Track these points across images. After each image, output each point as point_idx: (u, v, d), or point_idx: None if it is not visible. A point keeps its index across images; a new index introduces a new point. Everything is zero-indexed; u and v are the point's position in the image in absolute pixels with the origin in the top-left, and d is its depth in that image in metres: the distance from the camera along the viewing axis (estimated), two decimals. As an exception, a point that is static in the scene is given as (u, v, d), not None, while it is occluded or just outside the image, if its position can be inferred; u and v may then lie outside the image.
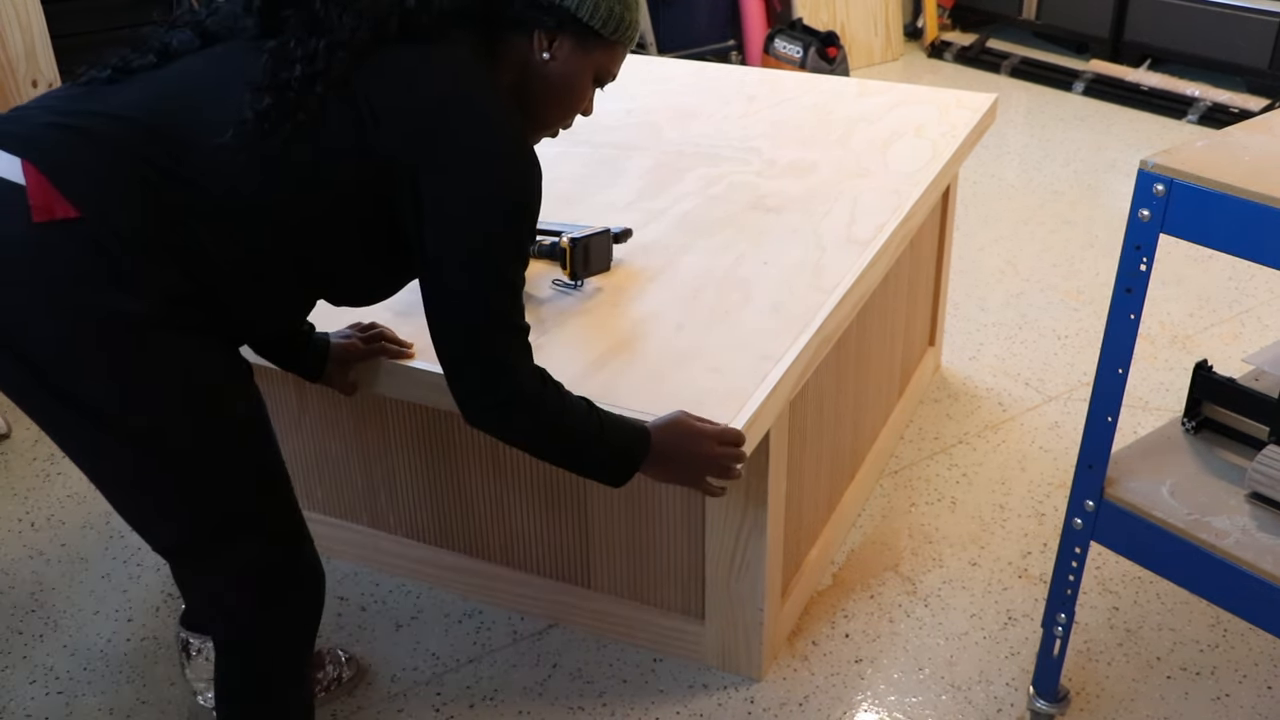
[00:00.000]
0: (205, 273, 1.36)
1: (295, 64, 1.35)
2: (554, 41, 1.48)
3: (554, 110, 1.55)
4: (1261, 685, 2.06)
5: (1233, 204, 1.38)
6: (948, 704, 2.02)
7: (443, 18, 1.41)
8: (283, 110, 1.34)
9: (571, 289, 1.92)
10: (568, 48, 1.48)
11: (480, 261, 1.40)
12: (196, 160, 1.34)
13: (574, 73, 1.50)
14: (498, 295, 1.42)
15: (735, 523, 1.92)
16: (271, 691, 1.61)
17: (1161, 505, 1.65)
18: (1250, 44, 4.81)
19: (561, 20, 1.46)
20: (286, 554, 1.53)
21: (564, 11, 1.46)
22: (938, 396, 2.93)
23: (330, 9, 1.37)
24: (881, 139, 2.56)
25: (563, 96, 1.53)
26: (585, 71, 1.52)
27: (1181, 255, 3.62)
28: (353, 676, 2.04)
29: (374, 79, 1.37)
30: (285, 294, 1.47)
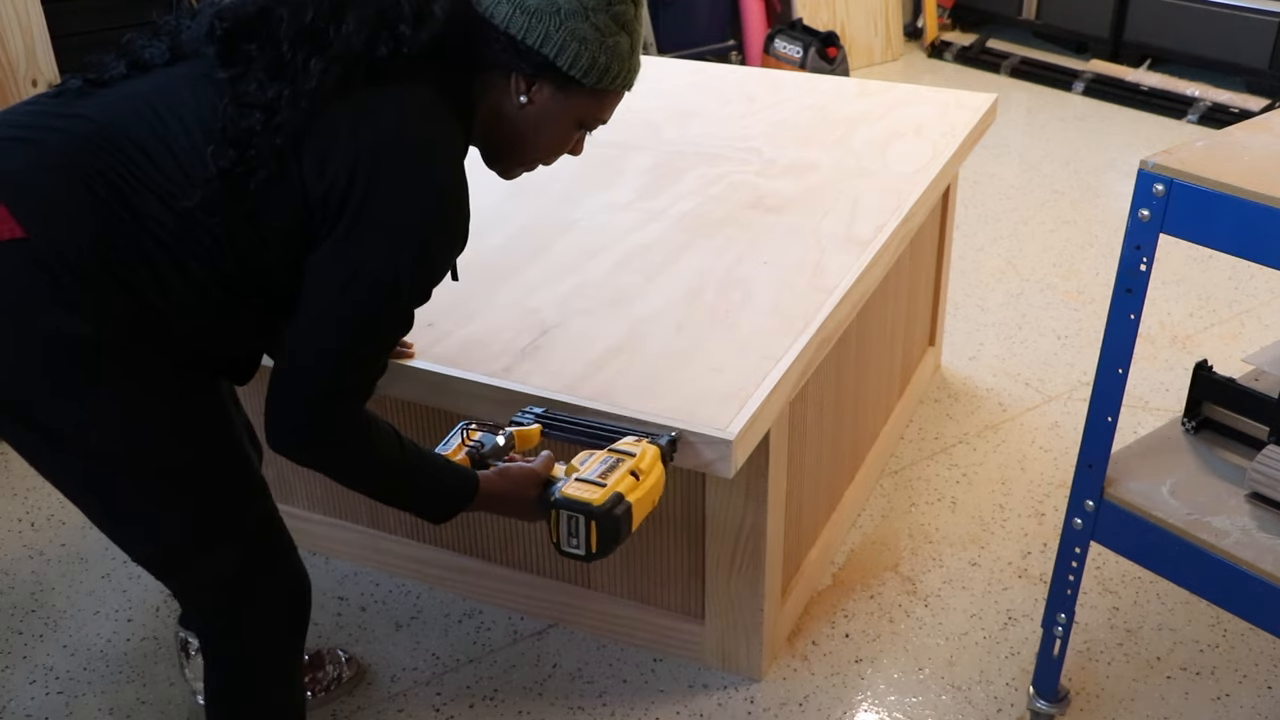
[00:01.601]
0: (154, 294, 1.34)
1: (255, 111, 1.31)
2: (532, 86, 1.43)
3: (530, 151, 1.51)
4: (1261, 685, 2.06)
5: (1233, 204, 1.38)
6: (948, 704, 2.02)
7: (414, 60, 1.36)
8: (247, 167, 1.31)
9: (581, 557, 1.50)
10: (547, 93, 1.44)
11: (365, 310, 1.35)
12: (153, 188, 1.32)
13: (552, 118, 1.46)
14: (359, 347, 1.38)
15: (735, 523, 1.92)
16: (258, 697, 1.61)
17: (1161, 505, 1.65)
18: (1250, 44, 4.81)
19: (540, 67, 1.41)
20: (264, 561, 1.53)
21: (542, 59, 1.40)
22: (938, 396, 2.93)
23: (298, 53, 1.33)
24: (881, 139, 2.56)
25: (540, 140, 1.49)
26: (565, 117, 1.47)
27: (1181, 255, 3.62)
28: (353, 676, 2.04)
29: (326, 125, 1.33)
30: (237, 321, 1.44)
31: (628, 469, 1.50)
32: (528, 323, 1.89)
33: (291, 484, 2.34)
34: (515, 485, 1.55)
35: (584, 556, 1.46)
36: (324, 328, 1.35)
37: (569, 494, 1.46)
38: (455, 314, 1.92)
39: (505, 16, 1.39)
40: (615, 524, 1.45)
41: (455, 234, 1.41)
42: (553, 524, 1.47)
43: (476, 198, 2.32)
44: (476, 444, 1.60)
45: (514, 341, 1.84)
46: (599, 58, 1.42)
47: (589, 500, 1.45)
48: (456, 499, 1.51)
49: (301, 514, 2.36)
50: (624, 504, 1.46)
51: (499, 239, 2.17)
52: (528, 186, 2.37)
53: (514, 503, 1.55)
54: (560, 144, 1.52)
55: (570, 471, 1.52)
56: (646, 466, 1.52)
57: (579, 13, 1.39)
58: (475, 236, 2.16)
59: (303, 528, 2.36)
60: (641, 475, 1.50)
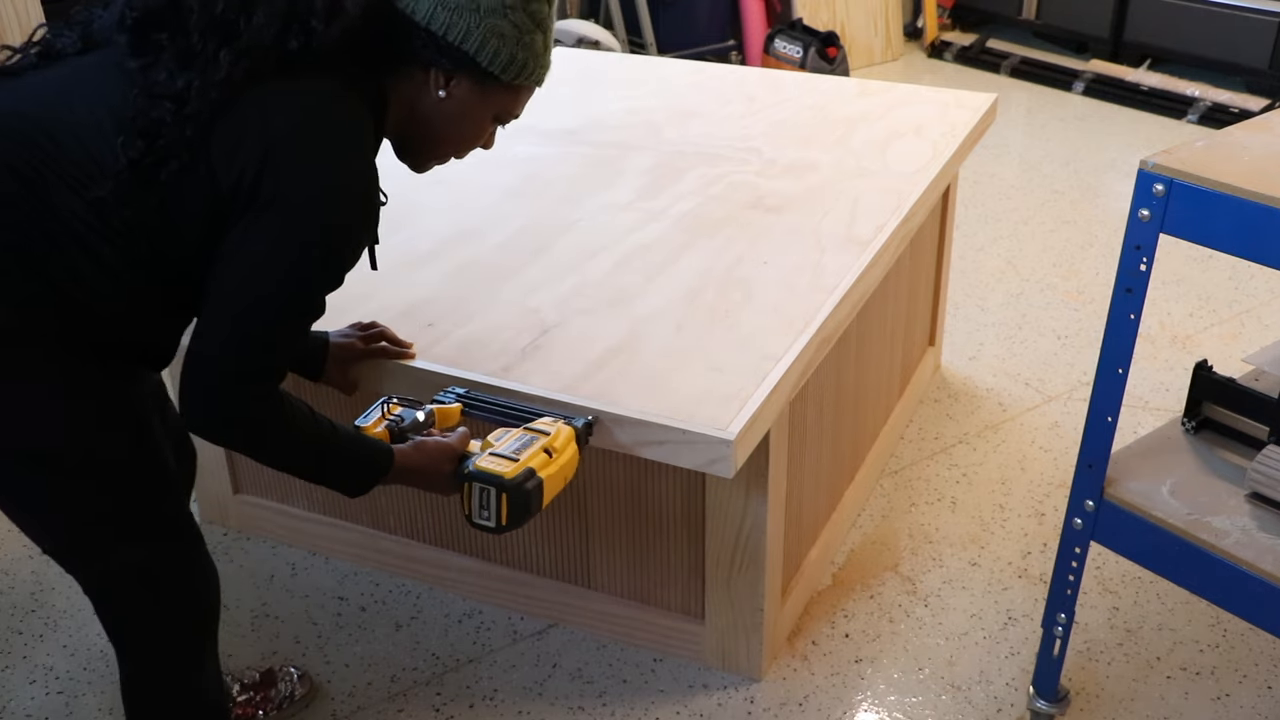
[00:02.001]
0: (67, 281, 1.35)
1: (165, 101, 1.32)
2: (450, 80, 1.45)
3: (445, 145, 1.54)
4: (1261, 685, 2.06)
5: (1232, 204, 1.38)
6: (948, 704, 2.02)
7: (326, 53, 1.37)
8: (157, 158, 1.32)
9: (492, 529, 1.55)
10: (465, 87, 1.46)
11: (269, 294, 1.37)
12: (63, 176, 1.33)
13: (470, 112, 1.49)
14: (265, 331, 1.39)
15: (735, 523, 1.92)
16: (170, 691, 1.62)
17: (1161, 505, 1.65)
18: (1250, 44, 4.81)
19: (459, 62, 1.43)
20: (174, 555, 1.54)
21: (462, 54, 1.42)
22: (938, 396, 2.93)
23: (208, 43, 1.33)
24: (881, 139, 2.56)
25: (456, 133, 1.52)
26: (483, 111, 1.50)
27: (1182, 255, 3.62)
28: (306, 694, 2.03)
29: (236, 116, 1.34)
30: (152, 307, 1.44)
31: (541, 446, 1.55)
32: (528, 323, 1.89)
33: (291, 484, 2.34)
34: (431, 459, 1.57)
35: (494, 528, 1.51)
36: (231, 312, 1.37)
37: (482, 467, 1.51)
38: (455, 314, 1.92)
39: (426, 13, 1.41)
40: (526, 497, 1.50)
41: (360, 223, 1.42)
42: (465, 496, 1.52)
43: (474, 198, 2.33)
44: (396, 418, 1.64)
45: (514, 341, 1.84)
46: (517, 54, 1.45)
47: (501, 473, 1.50)
48: (372, 472, 1.53)
49: (301, 514, 2.36)
50: (535, 479, 1.52)
51: (499, 239, 2.17)
52: (528, 187, 2.37)
53: (429, 476, 1.57)
54: (475, 137, 1.54)
55: (485, 447, 1.56)
56: (560, 445, 1.57)
57: (498, 10, 1.42)
58: (475, 236, 2.17)
59: (303, 528, 2.37)
60: (555, 453, 1.55)
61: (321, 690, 2.06)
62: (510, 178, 2.42)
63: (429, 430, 1.65)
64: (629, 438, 1.68)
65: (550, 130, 2.66)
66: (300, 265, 1.38)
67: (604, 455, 1.98)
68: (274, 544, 2.41)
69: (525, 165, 2.48)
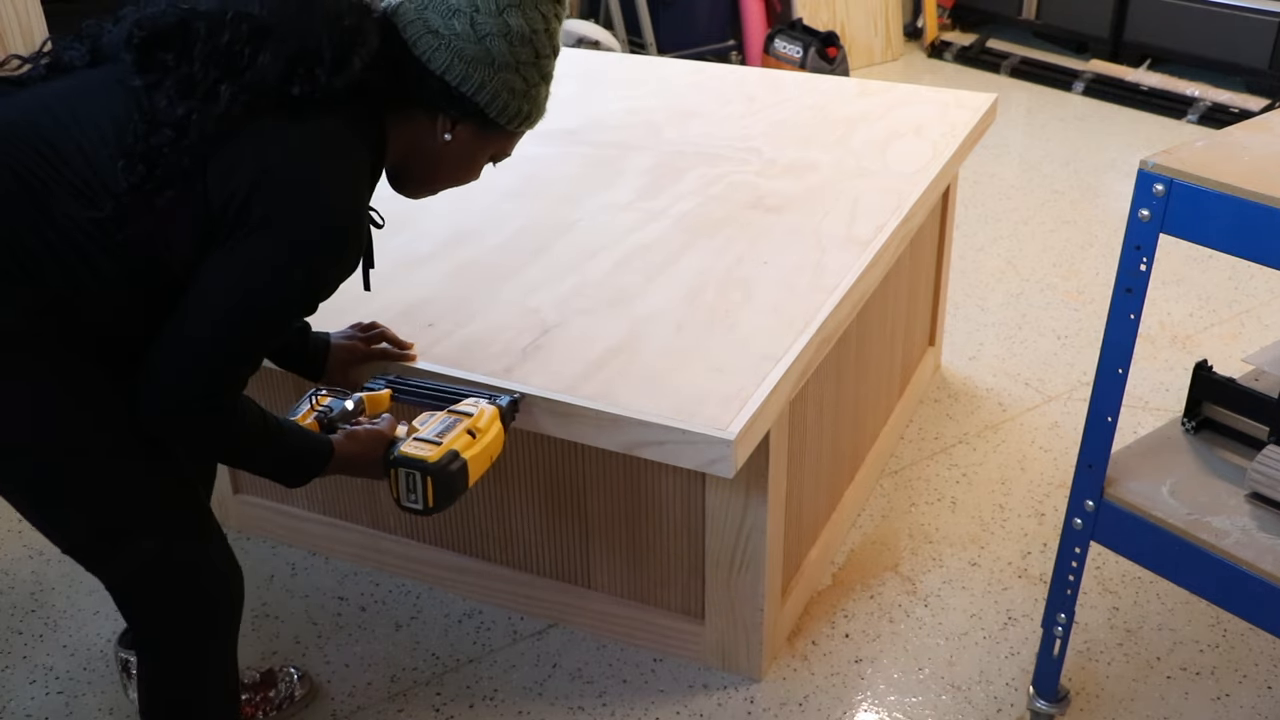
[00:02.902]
0: (64, 287, 1.36)
1: (166, 129, 1.35)
2: (456, 125, 1.51)
3: (443, 181, 1.61)
4: (1261, 685, 2.06)
5: (1232, 204, 1.38)
6: (948, 704, 2.02)
7: (329, 96, 1.40)
8: (156, 185, 1.35)
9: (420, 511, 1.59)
10: (469, 132, 1.53)
11: (239, 313, 1.39)
12: (64, 185, 1.35)
13: (470, 154, 1.57)
14: (231, 348, 1.41)
15: (735, 523, 1.92)
16: (188, 688, 1.63)
17: (1161, 505, 1.65)
18: (1250, 44, 4.81)
19: (468, 111, 1.49)
20: (187, 553, 1.55)
21: (473, 105, 1.49)
22: (938, 396, 2.93)
23: (209, 73, 1.36)
24: (881, 139, 2.56)
25: (455, 172, 1.59)
26: (481, 153, 1.58)
27: (1182, 255, 3.62)
28: (305, 694, 2.03)
29: (234, 146, 1.36)
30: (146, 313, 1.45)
31: (464, 428, 1.59)
32: (528, 323, 1.89)
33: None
34: (364, 447, 1.61)
35: (422, 510, 1.56)
36: (202, 324, 1.39)
37: (406, 452, 1.55)
38: (456, 314, 1.92)
39: (443, 64, 1.46)
40: (450, 479, 1.55)
41: (341, 258, 1.45)
42: (393, 481, 1.57)
43: (474, 198, 2.33)
44: (326, 409, 1.68)
45: (514, 341, 1.84)
46: (524, 106, 1.53)
47: (425, 458, 1.54)
48: (314, 465, 1.57)
49: (301, 514, 2.36)
50: (459, 461, 1.56)
51: (499, 239, 2.17)
52: (528, 187, 2.37)
53: (364, 464, 1.61)
54: (470, 175, 1.62)
55: (411, 432, 1.60)
56: (484, 426, 1.61)
57: (511, 66, 1.49)
58: (475, 236, 2.17)
59: (303, 528, 2.37)
60: (478, 434, 1.60)
61: (321, 690, 2.06)
62: (510, 178, 2.42)
63: (358, 418, 1.69)
64: (629, 438, 1.68)
65: (550, 130, 2.65)
66: (277, 288, 1.41)
67: (604, 455, 1.98)
68: (274, 544, 2.41)
69: (525, 165, 2.48)
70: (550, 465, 2.05)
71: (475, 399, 1.67)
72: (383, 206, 2.29)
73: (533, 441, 2.03)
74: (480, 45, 1.46)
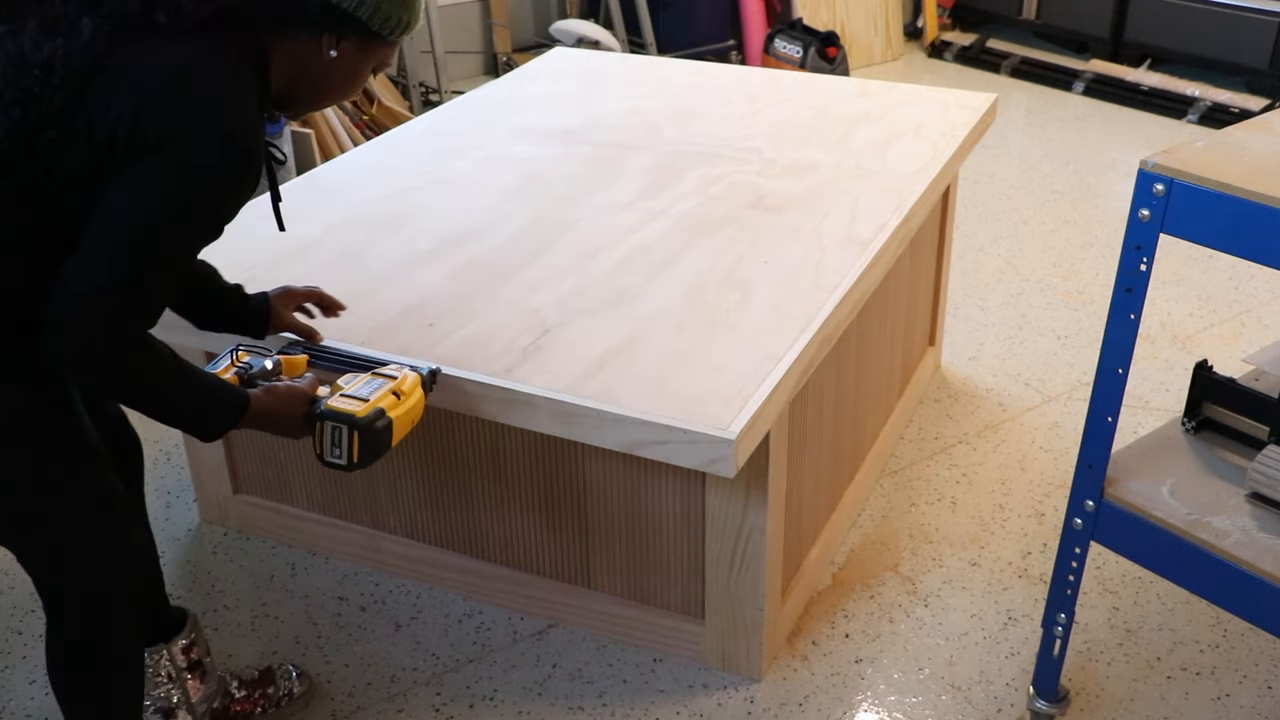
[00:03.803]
0: None
1: (33, 69, 1.36)
2: (340, 42, 1.54)
3: (333, 96, 1.64)
4: (1262, 685, 2.06)
5: (1232, 204, 1.38)
6: (948, 704, 2.02)
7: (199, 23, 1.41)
8: (33, 128, 1.36)
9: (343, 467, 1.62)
10: (353, 47, 1.55)
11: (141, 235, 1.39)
12: None
13: (355, 68, 1.59)
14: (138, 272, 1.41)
15: (735, 523, 1.92)
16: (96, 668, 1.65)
17: (1162, 505, 1.65)
18: (1250, 44, 4.81)
19: (350, 26, 1.53)
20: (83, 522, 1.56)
21: (355, 20, 1.52)
22: (938, 396, 2.93)
23: (70, 9, 1.38)
24: (881, 139, 2.56)
25: (343, 86, 1.62)
26: (365, 66, 1.61)
27: (1182, 255, 3.62)
28: (304, 692, 2.03)
29: (109, 76, 1.37)
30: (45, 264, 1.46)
31: (390, 389, 1.63)
32: (529, 322, 1.89)
33: (292, 484, 2.34)
34: (283, 403, 1.62)
35: (345, 466, 1.59)
36: (106, 252, 1.39)
37: (334, 406, 1.59)
38: (456, 314, 1.92)
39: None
40: (376, 436, 1.58)
41: (239, 174, 1.45)
42: (318, 435, 1.59)
43: (474, 198, 2.33)
44: (245, 365, 1.70)
45: (515, 341, 1.84)
46: (402, 15, 1.56)
47: (353, 412, 1.58)
48: (228, 415, 1.57)
49: (301, 514, 2.36)
50: (385, 419, 1.60)
51: (499, 239, 2.17)
52: (528, 187, 2.37)
53: (282, 420, 1.62)
54: (356, 88, 1.64)
55: (336, 390, 1.63)
56: (408, 389, 1.66)
57: None
58: (475, 236, 2.17)
59: (303, 528, 2.37)
60: (403, 396, 1.64)
61: (321, 690, 2.06)
62: (510, 178, 2.42)
63: (277, 378, 1.70)
64: (630, 437, 1.68)
65: (550, 130, 2.66)
66: (177, 208, 1.41)
67: (604, 455, 1.98)
68: (274, 544, 2.41)
69: (525, 165, 2.48)
70: (550, 465, 2.05)
71: (398, 365, 1.71)
72: (382, 206, 2.31)
73: (533, 441, 2.03)
74: None
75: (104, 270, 1.38)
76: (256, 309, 1.80)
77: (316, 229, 2.23)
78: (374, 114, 4.04)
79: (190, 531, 2.46)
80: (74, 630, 1.62)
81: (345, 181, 2.44)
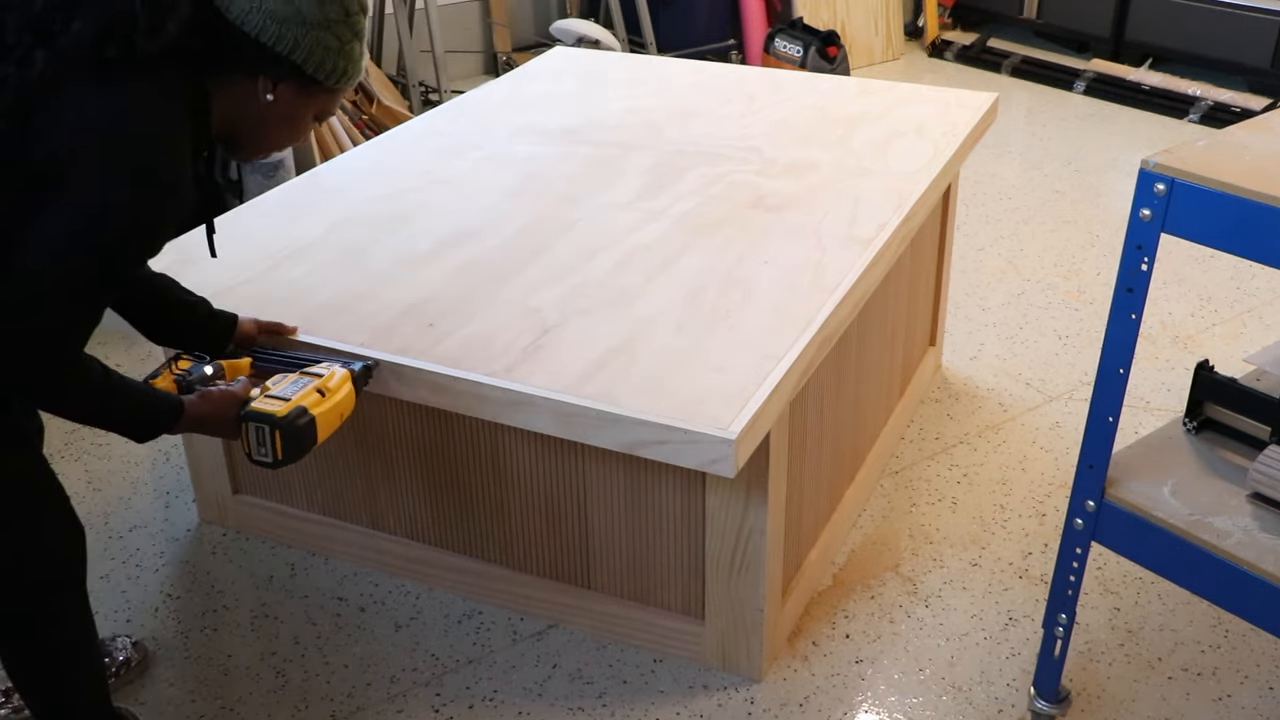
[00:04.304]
0: None
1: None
2: (277, 86, 1.56)
3: (270, 141, 1.67)
4: (1263, 686, 2.05)
5: (1234, 203, 1.38)
6: (948, 705, 2.02)
7: (146, 60, 1.45)
8: None
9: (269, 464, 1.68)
10: (291, 92, 1.58)
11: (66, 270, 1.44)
12: None
13: (294, 113, 1.62)
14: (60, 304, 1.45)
15: (735, 523, 1.92)
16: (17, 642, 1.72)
17: (1163, 505, 1.65)
18: (1252, 43, 4.80)
19: (286, 70, 1.55)
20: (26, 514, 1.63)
21: (290, 64, 1.54)
22: (938, 396, 2.92)
23: (23, 39, 1.42)
24: (882, 138, 2.55)
25: (281, 132, 1.65)
26: (305, 112, 1.63)
27: (1183, 255, 3.62)
28: (139, 661, 2.09)
29: (52, 110, 1.42)
30: None
31: (314, 387, 1.70)
32: (529, 323, 1.89)
33: (291, 484, 2.34)
34: (216, 407, 1.68)
35: (271, 463, 1.66)
36: (44, 273, 1.43)
37: (256, 408, 1.66)
38: (456, 314, 1.92)
39: (256, 26, 1.51)
40: (299, 433, 1.65)
41: (159, 214, 1.50)
42: (244, 436, 1.66)
43: (474, 198, 2.33)
44: (184, 373, 1.79)
45: (515, 341, 1.84)
46: (339, 63, 1.59)
47: (273, 412, 1.65)
48: (160, 422, 1.62)
49: (301, 514, 2.35)
50: (307, 416, 1.66)
51: (499, 239, 2.16)
52: (528, 186, 2.37)
53: (215, 422, 1.68)
54: (297, 134, 1.67)
55: (265, 391, 1.70)
56: (334, 386, 1.72)
57: (323, 24, 1.55)
58: (475, 236, 2.17)
59: (303, 528, 2.36)
60: (328, 393, 1.70)
61: (321, 690, 2.06)
62: (510, 177, 2.42)
63: (215, 382, 1.77)
64: (630, 438, 1.67)
65: (550, 130, 2.65)
66: (108, 235, 1.45)
67: (604, 455, 1.98)
68: (273, 544, 2.41)
69: (525, 165, 2.48)
70: (550, 465, 2.04)
71: (329, 363, 1.77)
72: (381, 206, 2.30)
73: (533, 441, 2.03)
74: (290, 5, 1.51)
75: (43, 290, 1.43)
76: (218, 326, 1.85)
77: (316, 229, 2.22)
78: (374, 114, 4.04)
79: (189, 532, 2.46)
80: None
81: (345, 181, 2.44)
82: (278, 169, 3.34)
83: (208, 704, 2.04)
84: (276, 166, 3.34)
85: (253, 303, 1.97)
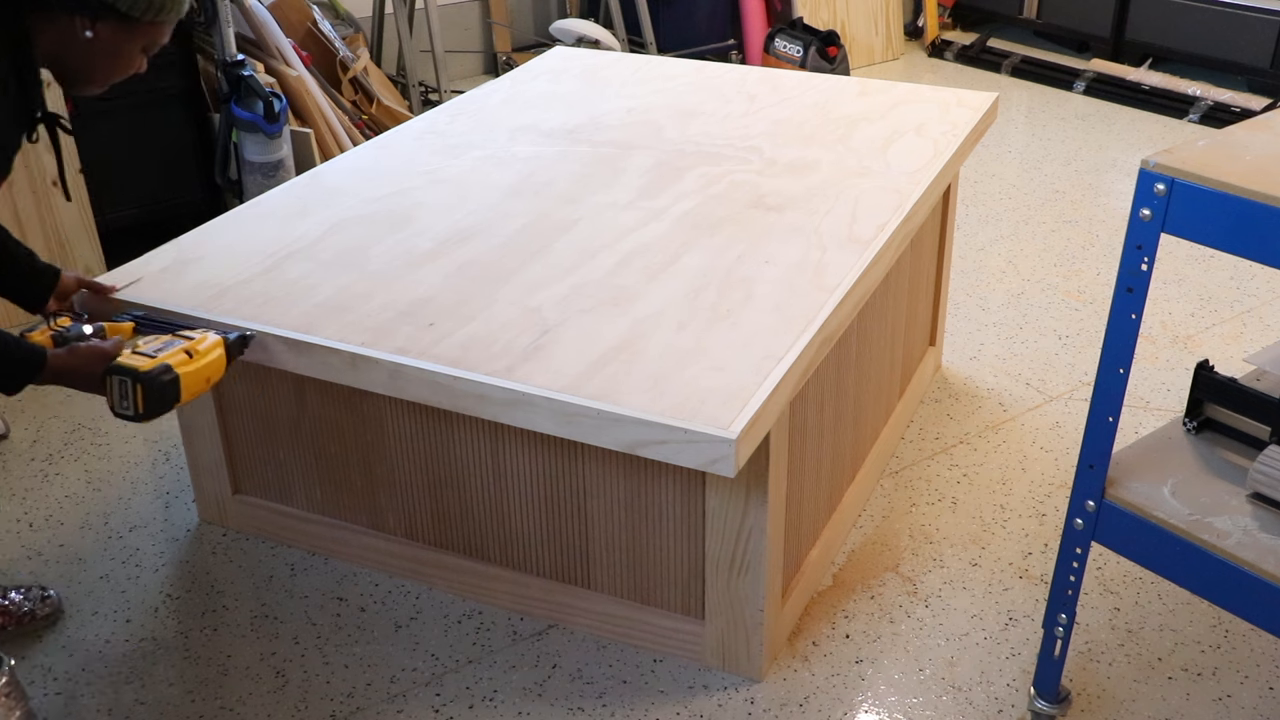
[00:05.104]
0: None
1: None
2: (95, 23, 1.62)
3: (98, 75, 1.72)
4: (1263, 686, 2.05)
5: (1234, 203, 1.38)
6: (948, 705, 2.02)
7: None
8: None
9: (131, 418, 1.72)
10: (110, 28, 1.64)
11: None
12: None
13: (118, 49, 1.67)
14: None
15: (735, 523, 1.92)
16: None
17: (1163, 506, 1.65)
18: (1252, 43, 4.80)
19: (99, 9, 1.61)
20: None
21: (101, 3, 1.60)
22: (938, 396, 2.92)
23: None
24: (882, 138, 2.55)
25: (108, 66, 1.70)
26: (130, 46, 1.69)
27: (1183, 255, 3.62)
28: (47, 615, 2.15)
29: None
30: None
31: (183, 348, 1.75)
32: (529, 322, 1.89)
33: (291, 484, 2.34)
34: (83, 361, 1.73)
35: (133, 417, 1.70)
36: None
37: (121, 362, 1.70)
38: (456, 313, 1.92)
39: None
40: (161, 389, 1.69)
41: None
42: (109, 390, 1.70)
43: (474, 197, 2.33)
44: (62, 330, 1.82)
45: (515, 341, 1.84)
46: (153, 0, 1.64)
47: (136, 367, 1.69)
48: (24, 370, 1.67)
49: (301, 514, 2.35)
50: (171, 373, 1.71)
51: (499, 239, 2.16)
52: (528, 186, 2.37)
53: (80, 376, 1.73)
54: (126, 69, 1.72)
55: (134, 349, 1.75)
56: (203, 350, 1.77)
57: None
58: (475, 236, 2.17)
59: (303, 528, 2.36)
60: (196, 355, 1.75)
61: (321, 690, 2.06)
62: (510, 177, 2.42)
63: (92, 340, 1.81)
64: (630, 437, 1.67)
65: (550, 130, 2.65)
66: None
67: (604, 455, 1.98)
68: (273, 544, 2.41)
69: (525, 165, 2.48)
70: (550, 465, 2.04)
71: (205, 330, 1.82)
72: (381, 205, 2.30)
73: (533, 441, 2.03)
74: None
75: None
76: (39, 276, 1.90)
77: (316, 229, 2.22)
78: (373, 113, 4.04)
79: (189, 532, 2.46)
80: None
81: (345, 181, 2.44)
82: (278, 169, 3.34)
83: (207, 704, 2.04)
84: (276, 166, 3.33)
85: (253, 303, 1.97)
